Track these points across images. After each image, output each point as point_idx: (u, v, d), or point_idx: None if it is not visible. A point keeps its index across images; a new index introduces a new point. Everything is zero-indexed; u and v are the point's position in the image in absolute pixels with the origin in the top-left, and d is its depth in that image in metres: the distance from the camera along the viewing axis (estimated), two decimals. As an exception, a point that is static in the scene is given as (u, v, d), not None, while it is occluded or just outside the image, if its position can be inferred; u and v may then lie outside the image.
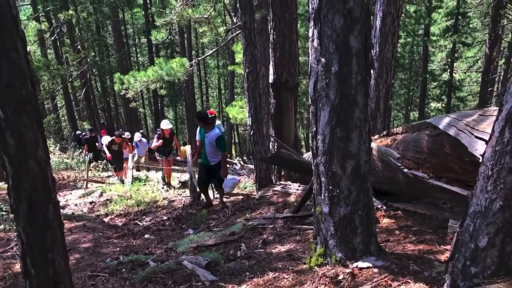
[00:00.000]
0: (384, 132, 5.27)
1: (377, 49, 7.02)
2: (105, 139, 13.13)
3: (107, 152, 12.21)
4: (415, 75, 25.43)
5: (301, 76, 12.26)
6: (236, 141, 31.92)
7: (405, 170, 3.94)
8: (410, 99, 28.13)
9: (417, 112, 26.09)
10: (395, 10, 6.77)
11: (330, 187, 2.94)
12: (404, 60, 25.20)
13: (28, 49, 17.02)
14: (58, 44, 23.81)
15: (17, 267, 5.30)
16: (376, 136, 5.45)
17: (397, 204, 4.55)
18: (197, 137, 7.58)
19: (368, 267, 2.87)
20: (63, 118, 27.92)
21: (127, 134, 14.11)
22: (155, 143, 10.69)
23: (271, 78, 7.91)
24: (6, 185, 2.14)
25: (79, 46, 20.98)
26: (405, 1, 15.63)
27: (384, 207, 4.52)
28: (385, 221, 4.24)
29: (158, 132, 10.94)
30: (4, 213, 5.70)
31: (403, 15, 17.49)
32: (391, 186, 4.50)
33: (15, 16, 1.91)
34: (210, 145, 7.07)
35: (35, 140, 2.05)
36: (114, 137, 12.22)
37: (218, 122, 7.67)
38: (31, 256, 2.16)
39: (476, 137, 2.68)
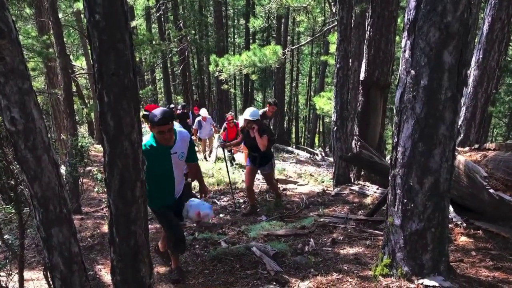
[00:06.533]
0: (476, 146, 4.99)
1: (480, 56, 6.54)
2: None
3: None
4: (527, 82, 23.23)
5: (394, 76, 11.75)
6: (321, 130, 31.54)
7: (491, 190, 3.74)
8: (517, 109, 25.81)
9: (522, 124, 23.84)
10: (506, 16, 6.22)
11: (405, 201, 2.90)
12: (515, 65, 23.09)
13: (135, 23, 18.16)
14: (162, 21, 25.06)
15: (105, 227, 5.85)
16: (466, 149, 5.18)
17: (479, 223, 4.32)
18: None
19: (434, 286, 2.80)
20: (160, 91, 29.51)
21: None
22: None
23: (362, 75, 7.72)
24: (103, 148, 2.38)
25: (181, 24, 21.98)
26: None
27: (464, 224, 4.32)
28: (462, 239, 4.06)
29: None
30: (99, 176, 6.24)
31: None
32: (474, 204, 4.28)
33: (125, 11, 2.11)
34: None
35: (131, 124, 2.26)
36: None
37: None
38: (117, 226, 2.41)
39: None
